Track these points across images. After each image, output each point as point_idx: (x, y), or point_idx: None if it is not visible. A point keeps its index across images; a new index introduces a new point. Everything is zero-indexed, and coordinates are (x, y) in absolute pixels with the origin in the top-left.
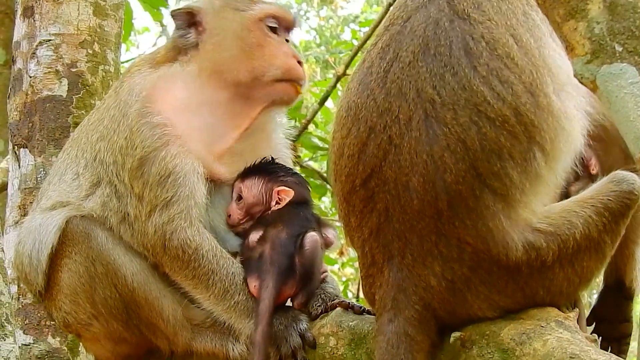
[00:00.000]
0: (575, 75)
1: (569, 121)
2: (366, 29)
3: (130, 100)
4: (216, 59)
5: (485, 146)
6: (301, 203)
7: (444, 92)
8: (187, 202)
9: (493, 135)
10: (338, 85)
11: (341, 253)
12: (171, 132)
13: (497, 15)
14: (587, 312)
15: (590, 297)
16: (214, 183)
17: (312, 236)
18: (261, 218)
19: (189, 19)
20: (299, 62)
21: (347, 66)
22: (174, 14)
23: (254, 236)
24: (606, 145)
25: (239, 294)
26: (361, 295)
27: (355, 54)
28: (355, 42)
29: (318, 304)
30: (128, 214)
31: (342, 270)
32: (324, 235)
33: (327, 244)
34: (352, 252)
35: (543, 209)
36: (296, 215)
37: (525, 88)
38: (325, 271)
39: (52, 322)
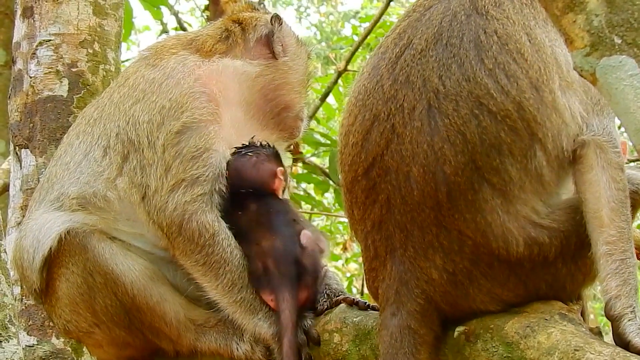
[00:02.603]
0: (575, 68)
1: (574, 119)
2: (367, 25)
3: (184, 69)
4: (288, 77)
5: (485, 140)
6: (259, 194)
7: (448, 82)
8: (212, 186)
9: (493, 129)
10: (339, 81)
11: (345, 248)
12: (219, 113)
13: (516, 16)
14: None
15: (594, 289)
16: None
17: (306, 234)
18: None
19: (282, 33)
20: None
21: (347, 62)
22: (279, 18)
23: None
24: None
25: (246, 290)
26: (366, 290)
27: (356, 49)
28: (356, 38)
29: (324, 300)
30: (149, 187)
31: (346, 266)
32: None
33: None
34: (356, 248)
35: (545, 205)
36: (274, 217)
37: (531, 83)
38: (325, 266)
39: None
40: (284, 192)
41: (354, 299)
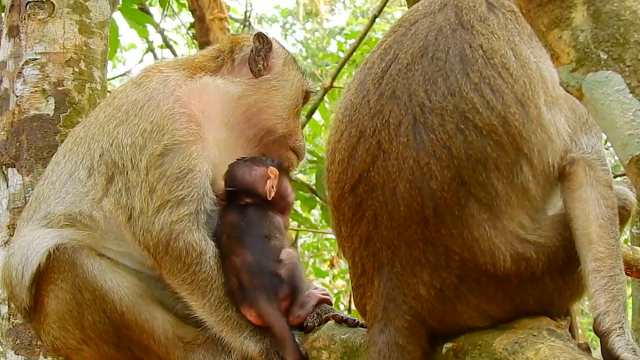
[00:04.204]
0: (561, 84)
1: (559, 135)
2: (352, 41)
3: (165, 90)
4: (271, 98)
5: (471, 155)
6: (247, 202)
7: (434, 96)
8: (198, 205)
9: (479, 144)
10: (325, 98)
11: (332, 265)
12: (201, 133)
13: (501, 31)
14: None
15: (582, 304)
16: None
17: (287, 252)
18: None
19: (265, 49)
20: None
21: (333, 78)
22: (262, 36)
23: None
24: None
25: (232, 308)
26: (353, 307)
27: (342, 66)
28: (342, 55)
29: (313, 317)
30: (134, 209)
31: (333, 283)
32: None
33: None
34: (343, 265)
35: (532, 220)
36: (245, 231)
37: (516, 98)
38: (326, 292)
39: None
40: (287, 210)
41: (342, 316)
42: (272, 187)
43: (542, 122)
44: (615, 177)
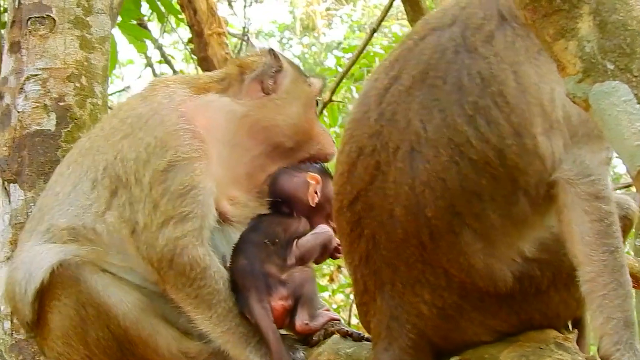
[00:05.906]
0: (567, 95)
1: (554, 163)
2: (350, 55)
3: (170, 105)
4: (276, 118)
5: (466, 187)
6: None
7: (429, 127)
8: (202, 222)
9: (474, 176)
10: (324, 112)
11: (331, 280)
12: (205, 149)
13: (506, 51)
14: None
15: None
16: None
17: (303, 268)
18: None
19: (277, 67)
20: None
21: (332, 93)
22: (275, 55)
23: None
24: None
25: (237, 322)
26: (353, 321)
27: (340, 80)
28: (340, 69)
29: (320, 332)
30: (137, 223)
31: (332, 297)
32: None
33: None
34: (342, 279)
35: (534, 243)
36: (245, 236)
37: (512, 129)
38: (334, 314)
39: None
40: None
41: (347, 330)
42: (316, 192)
43: (538, 152)
44: (622, 188)
